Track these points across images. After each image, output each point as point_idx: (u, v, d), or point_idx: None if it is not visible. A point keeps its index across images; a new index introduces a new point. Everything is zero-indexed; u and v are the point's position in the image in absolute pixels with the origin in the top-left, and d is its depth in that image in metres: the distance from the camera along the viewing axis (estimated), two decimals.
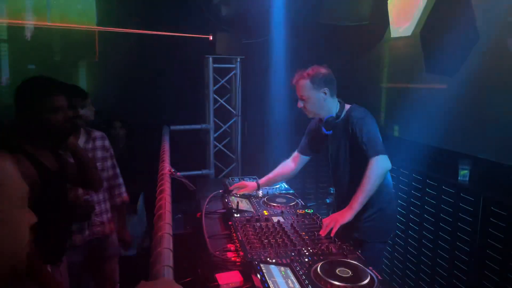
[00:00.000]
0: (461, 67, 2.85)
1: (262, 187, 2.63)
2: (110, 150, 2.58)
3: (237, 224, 2.03)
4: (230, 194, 2.56)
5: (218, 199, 2.58)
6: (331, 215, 2.05)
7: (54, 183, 1.76)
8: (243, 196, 2.56)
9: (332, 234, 1.90)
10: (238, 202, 2.34)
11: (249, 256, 1.68)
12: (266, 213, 2.24)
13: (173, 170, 2.41)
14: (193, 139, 4.67)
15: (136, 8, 4.59)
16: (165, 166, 2.45)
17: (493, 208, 2.31)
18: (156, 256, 1.21)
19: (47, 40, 4.42)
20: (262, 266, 1.54)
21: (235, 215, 2.17)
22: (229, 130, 4.74)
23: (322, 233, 1.93)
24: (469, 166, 2.66)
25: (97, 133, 2.52)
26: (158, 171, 2.41)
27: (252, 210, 2.30)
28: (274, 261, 1.62)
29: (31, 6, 4.39)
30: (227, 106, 4.63)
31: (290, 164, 2.62)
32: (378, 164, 2.05)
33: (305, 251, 1.74)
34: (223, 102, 4.60)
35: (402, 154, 3.17)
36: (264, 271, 1.51)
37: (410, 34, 3.47)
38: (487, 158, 2.65)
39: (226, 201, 2.42)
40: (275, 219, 2.12)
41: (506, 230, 2.22)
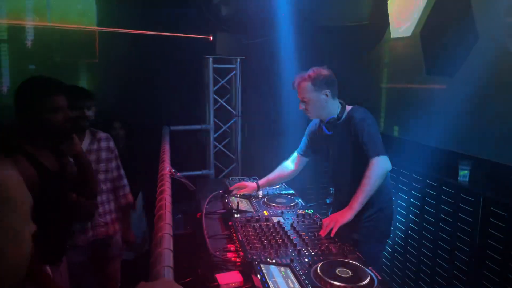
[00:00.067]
0: (461, 67, 2.85)
1: (262, 188, 2.63)
2: (115, 151, 2.60)
3: (237, 224, 2.04)
4: (230, 194, 2.56)
5: (218, 200, 2.58)
6: (331, 215, 2.05)
7: (54, 184, 1.75)
8: (243, 196, 2.56)
9: (332, 234, 1.91)
10: (238, 203, 2.34)
11: (249, 256, 1.68)
12: (266, 213, 2.25)
13: (173, 171, 2.41)
14: (193, 140, 4.67)
15: (136, 8, 4.58)
16: (165, 167, 2.45)
17: (493, 208, 2.31)
18: (156, 256, 1.22)
19: (47, 40, 4.42)
20: (262, 266, 1.54)
21: (235, 216, 2.17)
22: (229, 131, 4.74)
23: (322, 233, 1.93)
24: (469, 167, 2.66)
25: (102, 134, 2.53)
26: (158, 172, 2.41)
27: (252, 211, 2.30)
28: (274, 261, 1.63)
29: (31, 6, 4.39)
30: (227, 107, 4.63)
31: (290, 165, 2.62)
32: (379, 164, 2.05)
33: (305, 252, 1.74)
34: (223, 103, 4.60)
35: (402, 155, 3.18)
36: (264, 271, 1.51)
37: (410, 34, 3.47)
38: (487, 158, 2.65)
39: (226, 201, 2.43)
40: (275, 220, 2.12)
41: (506, 231, 2.22)
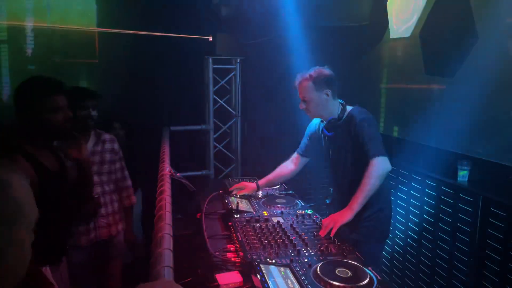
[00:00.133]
0: (460, 68, 2.85)
1: (261, 188, 2.64)
2: (119, 153, 2.61)
3: (237, 224, 2.04)
4: (230, 194, 2.57)
5: (218, 200, 2.58)
6: (331, 216, 2.05)
7: (53, 184, 1.76)
8: (243, 196, 2.57)
9: (331, 235, 1.91)
10: (238, 203, 2.34)
11: (249, 256, 1.69)
12: (266, 213, 2.25)
13: (173, 171, 2.41)
14: (193, 140, 4.67)
15: (136, 8, 4.59)
16: (165, 167, 2.45)
17: (492, 208, 2.31)
18: (156, 256, 1.22)
19: (47, 40, 4.43)
20: (262, 266, 1.55)
21: (235, 216, 2.17)
22: (229, 131, 4.74)
23: (322, 233, 1.93)
24: (468, 167, 2.67)
25: (107, 136, 2.55)
26: (158, 172, 2.41)
27: (252, 211, 2.30)
28: (274, 261, 1.63)
29: (31, 7, 4.39)
30: (227, 107, 4.63)
31: (289, 165, 2.62)
32: (378, 165, 2.05)
33: (304, 252, 1.74)
34: (223, 103, 4.60)
35: (402, 155, 3.18)
36: (264, 272, 1.51)
37: (409, 34, 3.48)
38: (487, 158, 2.66)
39: (226, 201, 2.43)
40: (275, 220, 2.13)
41: (505, 231, 2.22)
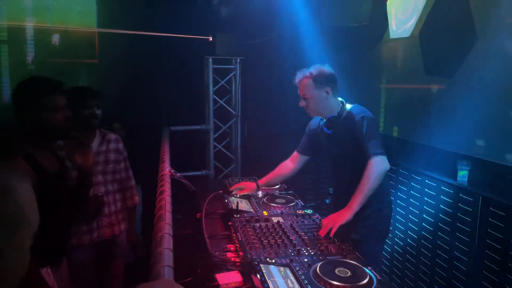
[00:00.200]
0: (459, 68, 2.86)
1: (261, 188, 2.64)
2: (124, 153, 2.62)
3: (237, 224, 2.04)
4: (230, 194, 2.57)
5: (218, 200, 2.59)
6: (330, 216, 2.05)
7: (54, 184, 1.76)
8: (243, 196, 2.57)
9: (331, 235, 1.91)
10: (238, 203, 2.34)
11: (248, 256, 1.69)
12: (265, 213, 2.25)
13: (173, 171, 2.41)
14: (193, 140, 4.67)
15: (136, 9, 4.59)
16: (165, 167, 2.45)
17: (492, 208, 2.32)
18: (156, 256, 1.22)
19: (47, 40, 4.43)
20: (261, 266, 1.55)
21: (235, 216, 2.18)
22: (228, 131, 4.74)
23: (322, 233, 1.93)
24: (468, 167, 2.67)
25: (112, 136, 2.55)
26: (158, 172, 2.41)
27: (251, 211, 2.31)
28: (273, 261, 1.63)
29: (31, 7, 4.40)
30: (227, 107, 4.64)
31: (289, 164, 2.62)
32: (377, 164, 2.06)
33: (304, 251, 1.75)
34: (223, 103, 4.60)
35: (402, 155, 3.18)
36: (263, 271, 1.51)
37: (409, 35, 3.48)
38: (486, 158, 2.66)
39: (226, 201, 2.43)
40: (275, 220, 2.13)
41: (505, 231, 2.22)
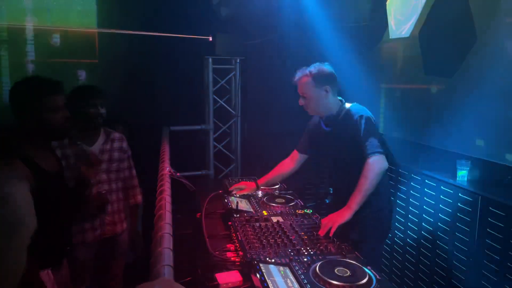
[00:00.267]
0: (459, 68, 2.86)
1: (261, 187, 2.64)
2: (128, 152, 2.62)
3: (236, 224, 2.05)
4: (229, 194, 2.57)
5: (218, 200, 2.59)
6: (330, 215, 2.06)
7: (53, 184, 1.75)
8: (243, 196, 2.57)
9: (330, 234, 1.91)
10: (237, 202, 2.35)
11: (248, 256, 1.69)
12: (265, 213, 2.26)
13: (173, 171, 2.42)
14: (192, 140, 4.67)
15: (136, 9, 4.59)
16: (165, 167, 2.45)
17: (491, 208, 2.32)
18: (156, 256, 1.22)
19: (47, 41, 4.43)
20: (261, 266, 1.55)
21: (235, 215, 2.18)
22: (228, 131, 4.74)
23: (321, 233, 1.94)
24: (467, 167, 2.67)
25: (116, 135, 2.56)
26: (158, 172, 2.42)
27: (251, 210, 2.31)
28: (273, 261, 1.63)
29: (32, 7, 4.40)
30: (227, 107, 4.64)
31: (288, 162, 2.62)
32: (375, 163, 2.06)
33: (304, 251, 1.75)
34: (223, 103, 4.61)
35: (402, 155, 3.18)
36: (263, 271, 1.52)
37: (408, 35, 3.49)
38: (486, 158, 2.66)
39: (226, 201, 2.43)
40: (275, 219, 2.13)
41: (504, 231, 2.23)
